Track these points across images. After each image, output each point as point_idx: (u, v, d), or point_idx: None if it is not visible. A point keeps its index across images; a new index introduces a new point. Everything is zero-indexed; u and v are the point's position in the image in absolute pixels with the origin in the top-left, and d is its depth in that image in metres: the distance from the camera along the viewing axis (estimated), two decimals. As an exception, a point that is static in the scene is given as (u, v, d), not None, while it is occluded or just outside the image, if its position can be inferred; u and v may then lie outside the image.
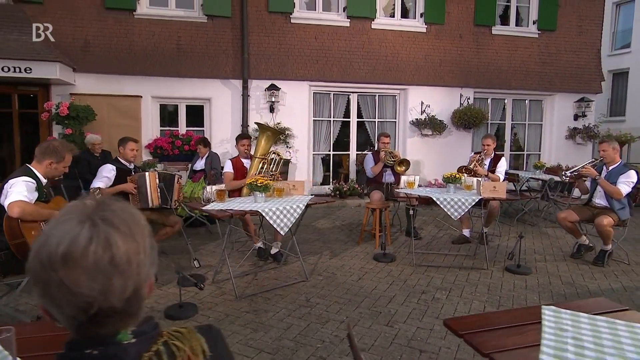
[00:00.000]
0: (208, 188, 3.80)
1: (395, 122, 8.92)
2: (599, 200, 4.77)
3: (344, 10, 8.15)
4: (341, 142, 8.91)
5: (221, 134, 7.73)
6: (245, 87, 7.62)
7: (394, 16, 8.54)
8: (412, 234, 5.07)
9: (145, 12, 7.41)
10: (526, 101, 9.43)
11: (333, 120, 8.61)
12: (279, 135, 4.70)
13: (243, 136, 4.91)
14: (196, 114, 7.94)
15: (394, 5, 8.54)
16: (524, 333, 1.34)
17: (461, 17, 8.63)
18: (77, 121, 6.55)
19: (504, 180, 5.68)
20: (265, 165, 4.67)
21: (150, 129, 7.53)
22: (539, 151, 9.62)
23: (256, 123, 5.21)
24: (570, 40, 9.06)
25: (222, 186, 3.89)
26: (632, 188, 4.50)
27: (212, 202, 3.74)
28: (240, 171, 4.74)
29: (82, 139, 6.33)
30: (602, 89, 9.27)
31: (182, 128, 7.78)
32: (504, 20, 9.11)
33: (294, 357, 2.66)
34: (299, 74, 7.92)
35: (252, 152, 4.83)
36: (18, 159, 7.41)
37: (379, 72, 8.36)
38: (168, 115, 7.86)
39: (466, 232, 5.53)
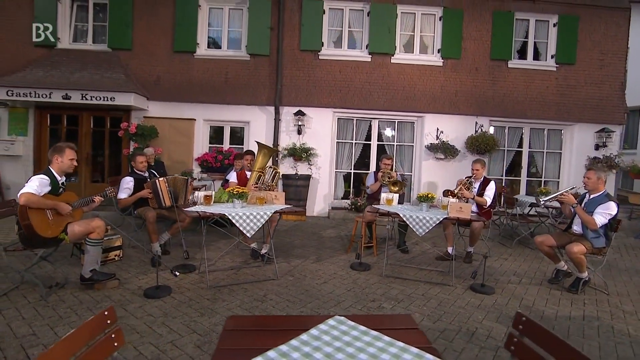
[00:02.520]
0: (196, 192, 3.98)
1: (413, 146, 8.56)
2: (577, 227, 4.16)
3: (366, 47, 8.11)
4: (363, 162, 8.76)
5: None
6: (277, 113, 7.88)
7: (412, 52, 8.29)
8: (387, 246, 4.83)
9: (203, 53, 8.06)
10: (544, 130, 8.50)
11: (355, 143, 8.52)
12: (274, 152, 4.77)
13: (246, 152, 5.07)
14: (238, 134, 8.36)
15: (413, 42, 8.30)
16: (283, 337, 1.22)
17: (477, 52, 8.12)
18: (143, 138, 7.27)
19: (491, 203, 5.19)
20: (262, 177, 4.76)
21: (201, 145, 8.08)
22: (558, 178, 8.58)
23: (256, 141, 5.35)
24: (591, 73, 8.05)
25: (209, 192, 4.04)
26: (608, 220, 3.85)
27: (198, 204, 3.91)
28: (242, 181, 4.90)
29: (145, 151, 7.00)
30: (625, 120, 8.05)
31: (226, 145, 8.23)
32: (522, 55, 8.38)
33: (216, 340, 2.66)
34: (324, 102, 8.01)
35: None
36: (107, 165, 8.39)
37: (397, 101, 8.14)
38: (215, 134, 8.36)
39: (450, 249, 5.11)
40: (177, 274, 3.53)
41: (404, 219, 4.14)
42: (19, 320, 2.91)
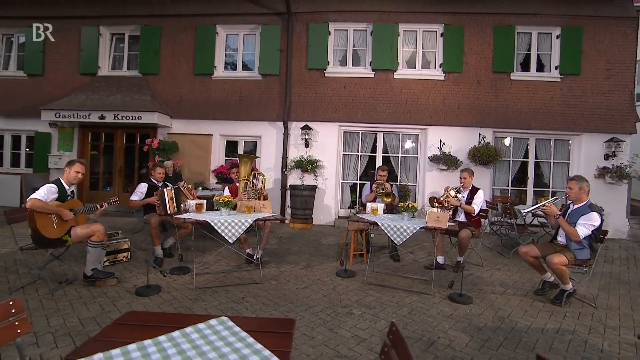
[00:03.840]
0: (189, 201, 4.11)
1: (417, 157, 8.37)
2: (561, 238, 3.89)
3: (370, 65, 8.11)
4: (369, 173, 8.65)
5: (268, 163, 8.19)
6: (286, 127, 8.01)
7: (415, 67, 8.17)
8: (370, 254, 4.70)
9: (220, 75, 8.40)
10: (551, 141, 8.02)
11: (361, 155, 8.45)
12: (253, 159, 4.85)
13: (232, 166, 5.18)
14: (251, 148, 8.56)
15: (415, 58, 8.19)
16: (155, 333, 1.23)
17: (479, 66, 7.87)
18: (164, 152, 7.65)
19: (479, 212, 4.96)
20: (249, 184, 4.83)
21: (218, 158, 8.35)
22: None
23: (237, 153, 5.44)
24: (597, 83, 7.54)
25: (201, 201, 4.16)
26: (592, 231, 3.55)
27: (189, 212, 4.04)
28: (234, 192, 5.00)
29: (166, 164, 7.35)
30: (636, 129, 7.41)
31: (240, 158, 8.45)
32: (525, 67, 8.02)
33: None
34: (329, 116, 8.04)
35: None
36: (135, 176, 8.88)
37: (400, 114, 8.03)
38: (231, 148, 8.61)
39: (440, 259, 4.93)
40: (166, 274, 3.65)
41: (382, 228, 4.04)
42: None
